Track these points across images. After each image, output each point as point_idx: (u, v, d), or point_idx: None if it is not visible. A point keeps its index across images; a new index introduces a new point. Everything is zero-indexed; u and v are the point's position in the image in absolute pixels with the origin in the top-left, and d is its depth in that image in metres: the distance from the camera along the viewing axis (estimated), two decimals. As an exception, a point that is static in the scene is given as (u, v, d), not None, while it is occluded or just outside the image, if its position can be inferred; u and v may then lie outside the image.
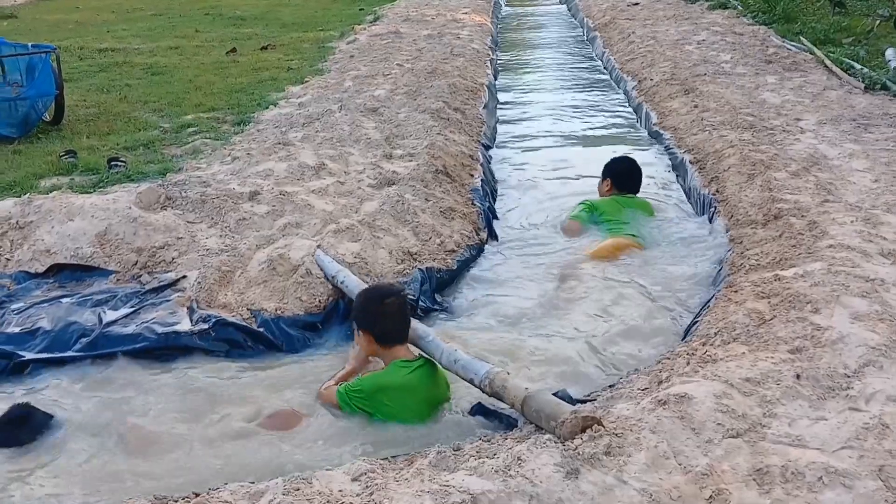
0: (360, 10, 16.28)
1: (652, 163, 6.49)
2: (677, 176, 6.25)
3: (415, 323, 3.56)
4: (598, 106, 8.86)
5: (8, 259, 4.42)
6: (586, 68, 11.12)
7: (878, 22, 8.25)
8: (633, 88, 8.82)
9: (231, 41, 12.59)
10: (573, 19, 16.02)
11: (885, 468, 2.48)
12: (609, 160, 5.50)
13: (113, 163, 6.16)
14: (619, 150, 6.52)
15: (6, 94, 7.24)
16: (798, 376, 2.97)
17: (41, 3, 19.10)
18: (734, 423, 2.71)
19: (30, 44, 7.97)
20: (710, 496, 2.41)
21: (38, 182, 5.90)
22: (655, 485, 2.45)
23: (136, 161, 6.32)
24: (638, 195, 5.38)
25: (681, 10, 13.05)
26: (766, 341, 3.26)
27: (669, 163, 6.53)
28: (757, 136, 6.12)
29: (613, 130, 7.89)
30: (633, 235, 4.92)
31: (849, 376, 2.96)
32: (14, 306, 4.04)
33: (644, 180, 5.45)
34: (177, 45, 12.32)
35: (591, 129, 7.94)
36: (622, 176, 5.34)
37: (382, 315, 3.34)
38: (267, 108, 7.88)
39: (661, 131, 7.10)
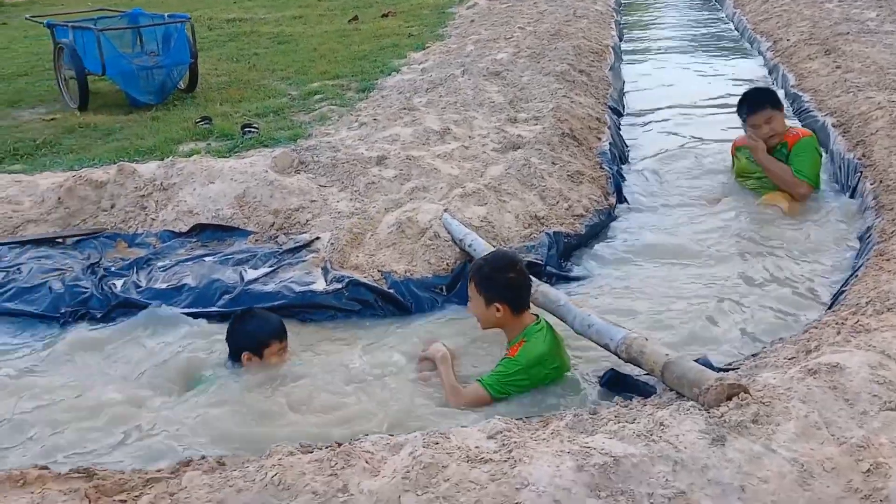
0: (479, -25, 16.12)
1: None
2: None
3: (545, 287, 3.53)
4: (729, 67, 8.48)
5: (153, 219, 4.64)
6: (714, 28, 10.66)
7: None
8: (767, 49, 8.39)
9: (352, 9, 12.76)
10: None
11: None
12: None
13: (246, 129, 6.36)
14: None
15: (144, 63, 7.58)
16: (964, 349, 2.77)
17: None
18: (893, 395, 2.55)
19: (165, 14, 8.30)
20: (868, 469, 2.28)
21: (177, 147, 6.17)
22: (807, 455, 2.33)
23: (267, 127, 6.51)
24: None
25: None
26: (924, 311, 3.06)
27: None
28: (908, 97, 5.71)
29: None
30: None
31: None
32: (160, 263, 4.24)
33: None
34: (300, 15, 12.59)
35: (722, 91, 7.61)
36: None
37: (515, 283, 3.25)
38: (390, 74, 7.96)
39: (800, 93, 6.73)
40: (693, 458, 2.34)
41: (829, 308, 3.56)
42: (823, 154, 5.17)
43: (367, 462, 2.45)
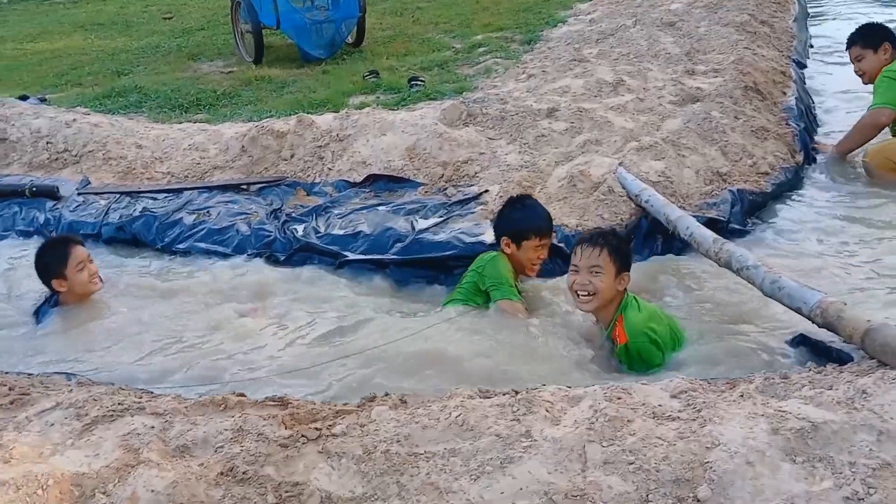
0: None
1: None
2: None
3: (731, 246, 3.37)
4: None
5: (329, 168, 4.79)
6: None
7: None
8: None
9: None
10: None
11: None
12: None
13: (413, 82, 6.43)
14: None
15: (316, 17, 7.79)
16: None
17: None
18: None
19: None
20: None
21: (347, 100, 6.33)
22: None
23: (432, 80, 6.56)
24: None
25: None
26: None
27: None
28: None
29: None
30: None
31: None
32: (337, 211, 4.38)
33: None
34: (463, -34, 12.53)
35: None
36: None
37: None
38: (555, 25, 7.81)
39: None
40: (901, 429, 2.19)
41: None
42: None
43: (547, 411, 2.45)
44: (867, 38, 4.71)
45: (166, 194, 4.78)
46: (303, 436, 2.45)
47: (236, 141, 5.16)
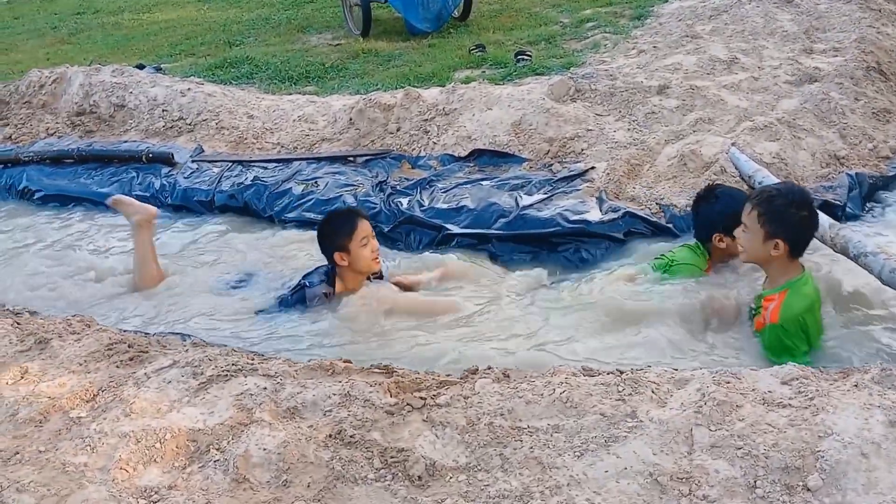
0: None
1: None
2: None
3: (848, 231, 3.25)
4: None
5: (434, 143, 4.84)
6: None
7: None
8: None
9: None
10: None
11: None
12: None
13: (519, 56, 6.40)
14: None
15: (422, -10, 7.82)
16: None
17: None
18: None
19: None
20: None
21: (453, 74, 6.35)
22: None
23: (539, 55, 6.51)
24: None
25: None
26: None
27: None
28: None
29: None
30: None
31: None
32: (441, 185, 4.43)
33: None
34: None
35: None
36: None
37: (807, 223, 3.00)
38: (667, 1, 7.60)
39: None
40: None
41: None
42: None
43: (653, 392, 2.43)
44: None
45: (276, 164, 4.93)
46: (408, 404, 2.51)
47: (344, 113, 5.26)
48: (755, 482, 2.06)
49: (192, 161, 5.12)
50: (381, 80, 6.36)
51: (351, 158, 4.89)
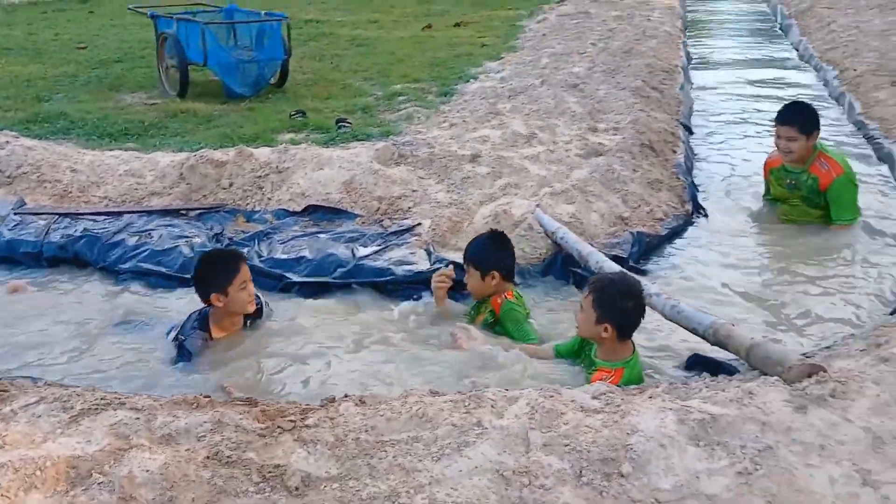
0: (546, -10, 16.55)
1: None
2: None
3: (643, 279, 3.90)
4: (792, 92, 8.77)
5: (269, 198, 5.10)
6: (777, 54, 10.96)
7: None
8: (834, 78, 8.68)
9: (424, 17, 13.23)
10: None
11: None
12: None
13: (340, 123, 6.82)
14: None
15: (241, 57, 8.09)
16: None
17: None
18: (958, 384, 2.89)
19: (262, 11, 8.83)
20: (936, 442, 2.62)
21: (276, 136, 6.64)
22: (879, 426, 2.68)
23: (358, 123, 6.97)
24: None
25: (885, 0, 12.52)
26: None
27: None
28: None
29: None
30: None
31: None
32: (278, 237, 4.69)
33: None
34: (375, 19, 13.10)
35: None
36: None
37: (632, 312, 3.37)
38: (468, 81, 8.38)
39: (866, 121, 7.02)
40: (779, 421, 2.71)
41: (892, 314, 3.89)
42: (858, 183, 5.09)
43: (492, 406, 2.86)
44: (807, 123, 4.89)
45: (106, 217, 4.96)
46: (278, 426, 2.76)
47: (173, 169, 5.39)
48: (581, 472, 2.52)
49: (15, 213, 5.02)
50: (204, 140, 6.52)
51: (183, 212, 5.03)
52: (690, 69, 9.81)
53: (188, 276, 4.40)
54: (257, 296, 3.77)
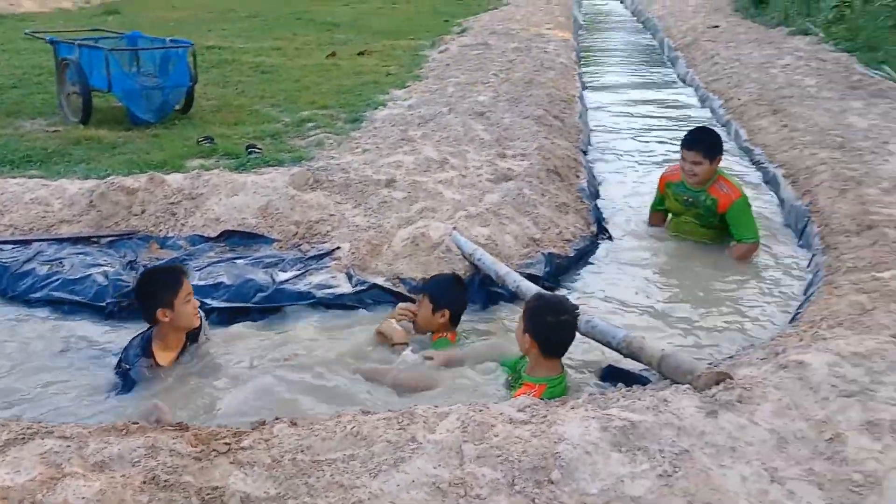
0: (445, 21, 16.91)
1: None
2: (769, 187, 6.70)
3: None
4: (683, 119, 9.29)
5: (183, 224, 5.06)
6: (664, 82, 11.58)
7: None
8: (720, 107, 9.24)
9: (328, 45, 13.30)
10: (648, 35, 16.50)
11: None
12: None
13: (250, 149, 6.81)
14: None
15: (145, 83, 7.97)
16: (901, 354, 3.41)
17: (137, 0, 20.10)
18: (846, 386, 3.16)
19: (167, 38, 8.72)
20: (830, 438, 2.87)
21: (184, 162, 6.56)
22: (782, 427, 2.92)
23: (268, 149, 6.96)
24: None
25: (762, 35, 13.40)
26: (868, 327, 3.70)
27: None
28: (846, 156, 6.51)
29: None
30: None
31: (947, 358, 3.39)
32: (194, 263, 4.66)
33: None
34: (278, 47, 13.08)
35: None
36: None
37: (555, 328, 3.50)
38: (377, 108, 8.50)
39: (752, 147, 7.52)
40: (692, 426, 2.91)
41: (790, 323, 4.20)
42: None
43: (424, 422, 2.95)
44: (712, 148, 5.20)
45: (13, 245, 4.81)
46: (213, 450, 2.78)
47: (82, 196, 5.28)
48: (513, 481, 2.64)
49: (-87, 243, 4.81)
50: (110, 167, 6.37)
51: (96, 239, 4.92)
52: (586, 94, 10.26)
53: (103, 304, 4.34)
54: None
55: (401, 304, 4.15)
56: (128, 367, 3.56)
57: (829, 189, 5.89)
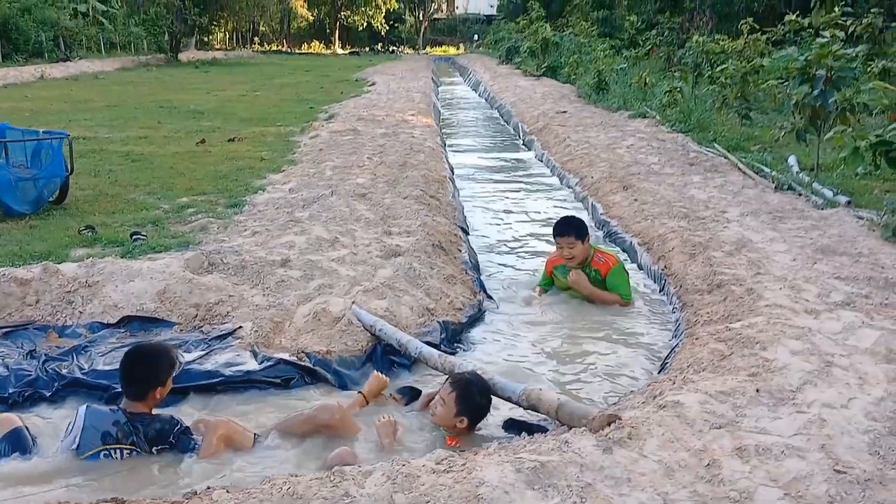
0: (310, 108, 17.40)
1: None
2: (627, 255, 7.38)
3: (452, 358, 4.43)
4: (545, 197, 10.03)
5: (81, 312, 5.07)
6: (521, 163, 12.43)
7: (782, 133, 9.78)
8: (576, 184, 10.05)
9: (195, 133, 13.42)
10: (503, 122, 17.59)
11: (826, 445, 3.45)
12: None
13: (135, 236, 6.85)
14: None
15: (18, 175, 7.85)
16: (758, 391, 3.95)
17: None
18: (716, 419, 3.66)
19: (41, 129, 8.64)
20: (708, 464, 3.32)
21: (68, 252, 6.52)
22: (667, 458, 3.35)
23: (153, 235, 7.02)
24: None
25: (606, 119, 14.65)
26: (728, 369, 4.26)
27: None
28: (692, 224, 7.31)
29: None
30: None
31: (793, 391, 3.96)
32: (96, 350, 4.69)
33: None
34: (145, 135, 13.07)
35: (544, 217, 9.03)
36: None
37: (485, 410, 4.03)
38: (256, 192, 8.71)
39: (608, 220, 8.25)
40: (592, 462, 3.29)
41: (660, 371, 4.72)
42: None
43: (353, 479, 3.18)
44: (580, 230, 5.91)
45: None
46: (153, 518, 2.89)
47: (-32, 288, 5.19)
48: (443, 523, 2.92)
49: None
50: (-12, 258, 6.26)
51: (-13, 331, 4.86)
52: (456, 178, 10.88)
53: (6, 395, 4.30)
54: None
55: (426, 392, 4.35)
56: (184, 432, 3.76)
57: (681, 254, 6.60)
